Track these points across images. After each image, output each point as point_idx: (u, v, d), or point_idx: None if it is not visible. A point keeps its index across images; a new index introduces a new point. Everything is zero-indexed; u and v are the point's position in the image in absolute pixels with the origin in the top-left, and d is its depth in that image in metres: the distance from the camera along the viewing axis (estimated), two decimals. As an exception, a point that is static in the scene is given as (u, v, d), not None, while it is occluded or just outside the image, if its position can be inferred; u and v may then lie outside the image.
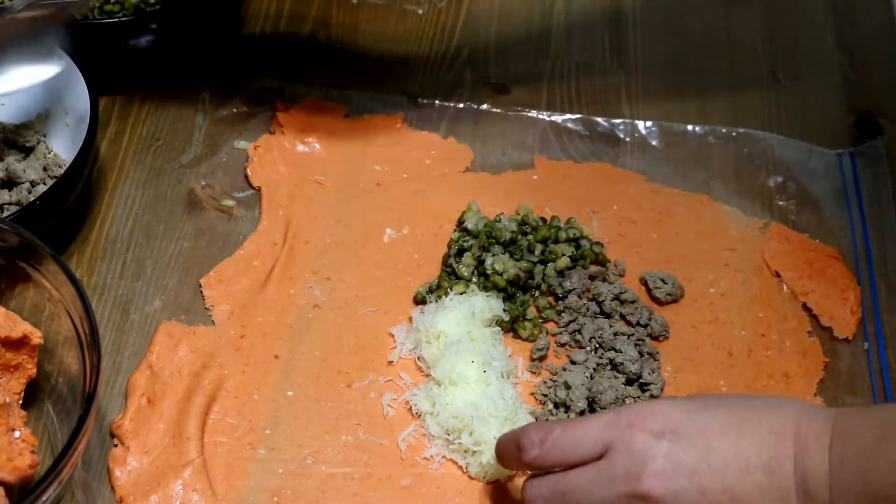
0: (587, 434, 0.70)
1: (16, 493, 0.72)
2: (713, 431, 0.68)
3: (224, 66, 1.05)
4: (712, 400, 0.71)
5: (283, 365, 0.85)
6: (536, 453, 0.71)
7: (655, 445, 0.68)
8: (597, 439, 0.69)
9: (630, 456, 0.68)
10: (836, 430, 0.66)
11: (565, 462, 0.70)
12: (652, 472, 0.67)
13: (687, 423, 0.68)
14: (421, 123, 1.02)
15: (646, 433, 0.68)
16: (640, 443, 0.68)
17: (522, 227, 0.92)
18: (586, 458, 0.70)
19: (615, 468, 0.68)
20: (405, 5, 1.12)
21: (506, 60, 1.08)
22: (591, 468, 0.69)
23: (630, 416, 0.69)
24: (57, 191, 0.85)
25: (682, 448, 0.68)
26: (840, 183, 0.99)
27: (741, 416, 0.69)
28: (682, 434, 0.68)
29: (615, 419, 0.70)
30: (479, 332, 0.84)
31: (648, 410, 0.70)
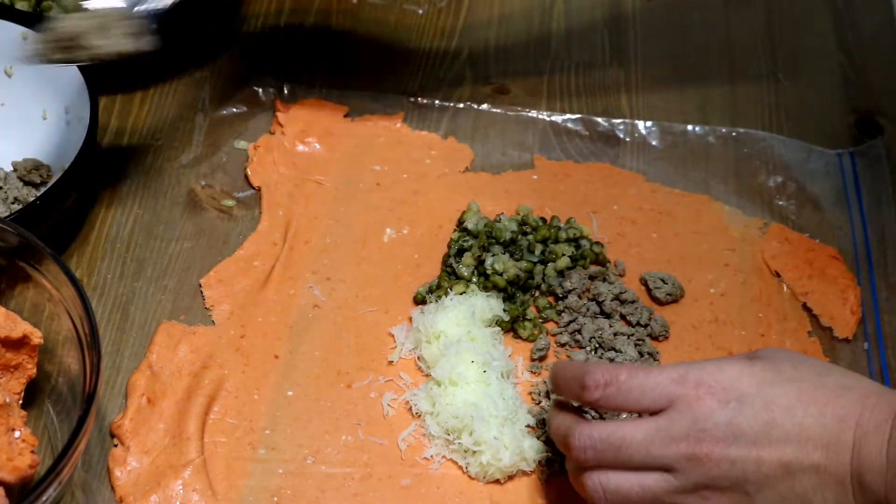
0: (653, 386, 0.69)
1: (16, 493, 0.72)
2: (779, 406, 0.68)
3: (224, 65, 1.05)
4: (785, 371, 0.70)
5: (283, 365, 0.85)
6: (599, 395, 0.70)
7: (719, 411, 0.68)
8: (662, 393, 0.69)
9: (692, 417, 0.68)
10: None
11: (625, 409, 0.70)
12: (712, 437, 0.67)
13: (754, 394, 0.68)
14: (421, 123, 1.02)
15: (711, 397, 0.68)
16: (704, 406, 0.68)
17: (522, 227, 0.92)
18: (647, 409, 0.69)
19: (675, 427, 0.68)
20: (405, 5, 1.12)
21: (506, 60, 1.08)
22: (650, 423, 0.69)
23: (698, 375, 0.69)
24: (57, 191, 0.85)
25: (745, 417, 0.67)
26: (840, 183, 0.99)
27: (809, 395, 0.68)
28: (747, 403, 0.68)
29: (683, 376, 0.69)
30: (479, 332, 0.84)
31: (718, 373, 0.69)
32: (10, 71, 0.95)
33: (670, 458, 0.68)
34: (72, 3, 1.00)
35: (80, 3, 0.96)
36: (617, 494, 0.70)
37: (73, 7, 0.99)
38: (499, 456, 0.78)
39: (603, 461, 0.70)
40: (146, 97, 1.02)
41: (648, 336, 0.88)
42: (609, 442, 0.70)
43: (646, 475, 0.69)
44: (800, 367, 0.70)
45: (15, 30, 0.93)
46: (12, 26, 0.93)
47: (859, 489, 0.66)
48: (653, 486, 0.69)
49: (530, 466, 0.79)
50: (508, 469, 0.79)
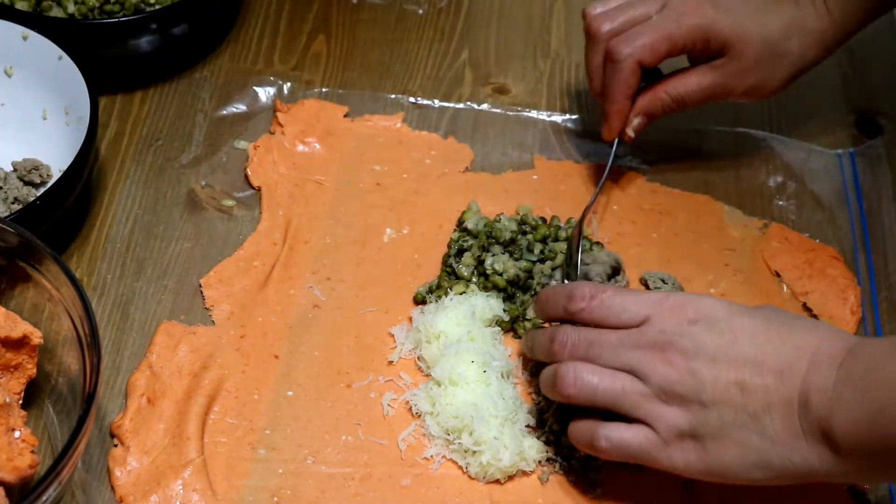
0: (632, 305, 0.76)
1: (16, 493, 0.72)
2: (743, 331, 0.73)
3: (224, 65, 1.05)
4: (758, 309, 0.75)
5: (283, 365, 0.85)
6: (583, 306, 0.77)
7: (687, 327, 0.73)
8: (639, 311, 0.75)
9: (661, 329, 0.74)
10: (851, 352, 0.69)
11: (606, 322, 0.76)
12: (676, 347, 0.73)
13: (723, 319, 0.73)
14: (421, 123, 1.02)
15: (682, 316, 0.74)
16: (674, 321, 0.74)
17: (522, 227, 0.92)
18: (625, 324, 0.75)
19: (644, 336, 0.74)
20: (405, 5, 1.12)
21: (506, 60, 1.08)
22: (623, 332, 0.75)
23: (675, 300, 0.75)
24: (57, 191, 0.85)
25: (709, 336, 0.73)
26: (840, 183, 0.99)
27: (774, 327, 0.73)
28: (713, 325, 0.73)
29: (661, 299, 0.75)
30: (479, 332, 0.84)
31: (694, 300, 0.75)
32: (10, 71, 0.95)
33: (635, 361, 0.74)
34: (72, 3, 1.00)
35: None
36: (586, 385, 0.74)
37: (73, 8, 1.00)
38: (499, 456, 0.78)
39: (576, 354, 0.76)
40: (146, 97, 1.02)
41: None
42: (584, 338, 0.76)
43: (614, 373, 0.74)
44: (777, 312, 0.75)
45: (15, 30, 0.93)
46: (12, 26, 0.93)
47: (804, 410, 0.69)
48: (619, 383, 0.74)
49: (530, 466, 0.80)
50: (508, 469, 0.79)
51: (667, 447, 0.73)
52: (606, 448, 0.75)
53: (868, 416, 0.66)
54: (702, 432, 0.72)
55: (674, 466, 0.74)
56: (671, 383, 0.72)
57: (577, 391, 0.75)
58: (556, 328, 0.78)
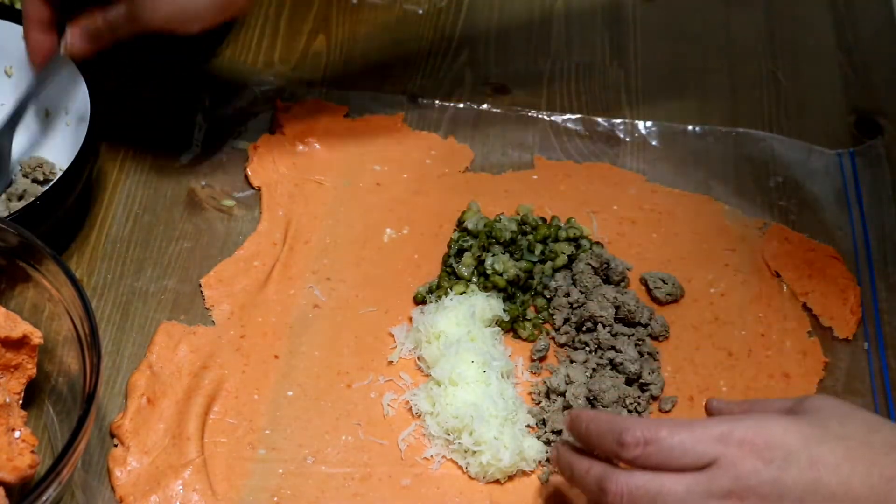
0: (695, 444, 0.66)
1: (16, 493, 0.72)
2: (826, 464, 0.65)
3: (224, 65, 1.05)
4: (831, 427, 0.67)
5: (283, 365, 0.85)
6: (638, 453, 0.67)
7: (764, 469, 0.65)
8: (704, 452, 0.66)
9: (735, 475, 0.65)
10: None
11: (666, 469, 0.67)
12: (757, 495, 0.65)
13: (800, 452, 0.66)
14: (421, 123, 1.02)
15: (756, 455, 0.65)
16: (748, 463, 0.65)
17: (522, 227, 0.92)
18: (689, 468, 0.66)
19: (716, 483, 0.65)
20: (405, 5, 1.12)
21: (506, 60, 1.08)
22: (692, 477, 0.66)
23: (743, 434, 0.66)
24: (57, 191, 0.85)
25: (790, 475, 0.65)
26: (840, 183, 0.99)
27: (856, 454, 0.66)
28: (792, 461, 0.65)
29: (727, 434, 0.66)
30: (479, 332, 0.84)
31: (764, 430, 0.66)
32: (10, 71, 0.95)
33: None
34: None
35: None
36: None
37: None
38: (499, 456, 0.78)
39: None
40: (146, 97, 1.01)
41: (648, 336, 0.87)
42: (646, 490, 0.66)
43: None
44: (846, 423, 0.68)
45: (15, 30, 0.93)
46: (12, 26, 0.93)
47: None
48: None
49: (530, 466, 0.80)
50: (508, 469, 0.79)
51: None
52: None
53: None
54: None
55: None
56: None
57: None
58: (607, 474, 0.68)
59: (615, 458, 0.69)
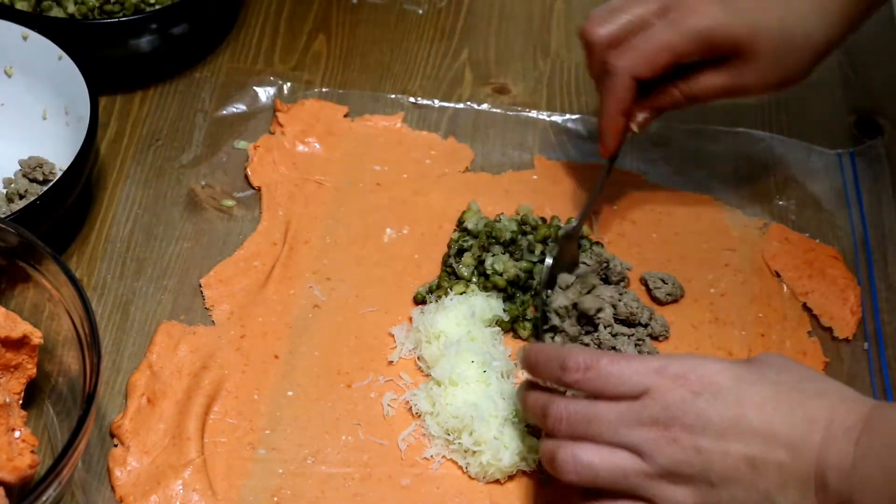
0: (632, 374, 0.70)
1: (16, 493, 0.72)
2: (751, 403, 0.68)
3: (224, 65, 1.05)
4: (766, 374, 0.70)
5: (283, 365, 0.85)
6: (578, 377, 0.71)
7: (691, 401, 0.68)
8: (640, 381, 0.70)
9: (664, 405, 0.69)
10: (868, 424, 0.66)
11: (603, 394, 0.71)
12: (681, 424, 0.68)
13: (729, 389, 0.69)
14: (421, 123, 1.02)
15: (686, 388, 0.69)
16: (677, 395, 0.69)
17: (522, 227, 0.92)
18: (624, 395, 0.70)
19: (646, 411, 0.69)
20: (405, 5, 1.12)
21: (506, 60, 1.08)
22: (624, 405, 0.70)
23: (678, 369, 0.70)
24: (57, 191, 0.85)
25: (715, 409, 0.68)
26: (840, 183, 0.99)
27: (783, 396, 0.68)
28: (720, 397, 0.68)
29: (664, 367, 0.70)
30: (479, 332, 0.84)
31: (698, 367, 0.70)
32: (10, 71, 0.95)
33: (637, 440, 0.69)
34: (72, 3, 1.00)
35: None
36: (586, 468, 0.70)
37: (74, 8, 1.00)
38: (499, 456, 0.78)
39: (575, 432, 0.71)
40: (146, 97, 1.02)
41: (648, 336, 0.87)
42: (582, 414, 0.71)
43: (615, 452, 0.70)
44: (783, 373, 0.70)
45: (15, 30, 0.93)
46: (12, 26, 0.93)
47: (822, 489, 0.66)
48: (621, 464, 0.69)
49: (530, 466, 0.80)
50: (508, 469, 0.79)
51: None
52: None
53: (892, 495, 0.63)
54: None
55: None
56: (677, 463, 0.68)
57: (578, 477, 0.70)
58: (550, 400, 0.73)
59: (559, 384, 0.73)
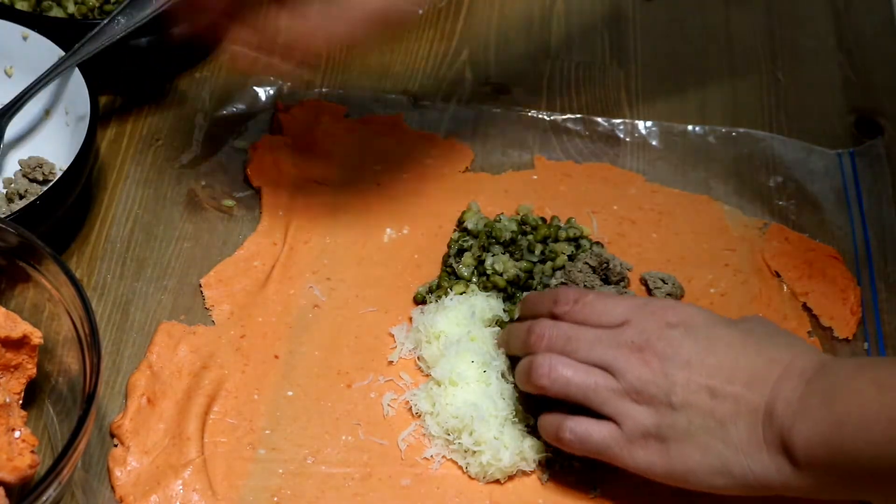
0: (615, 308, 0.77)
1: (16, 493, 0.72)
2: (721, 341, 0.74)
3: (224, 65, 1.05)
4: (741, 321, 0.77)
5: (283, 365, 0.85)
6: (567, 308, 0.78)
7: (666, 331, 0.74)
8: (621, 314, 0.76)
9: (640, 330, 0.75)
10: (822, 367, 0.71)
11: (587, 323, 0.77)
12: (652, 348, 0.74)
13: (701, 326, 0.75)
14: (421, 123, 1.02)
15: (662, 320, 0.75)
16: (653, 325, 0.75)
17: (522, 227, 0.92)
18: (606, 325, 0.76)
19: (623, 336, 0.75)
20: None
21: (506, 60, 1.08)
22: (603, 330, 0.76)
23: (657, 305, 0.77)
24: (57, 191, 0.85)
25: (686, 341, 0.74)
26: (840, 183, 0.99)
27: (752, 340, 0.74)
28: (691, 332, 0.74)
29: (643, 304, 0.77)
30: (479, 332, 0.84)
31: (676, 306, 0.77)
32: (10, 71, 0.95)
33: (611, 358, 0.74)
34: (72, 3, 1.00)
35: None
36: (560, 376, 0.75)
37: (73, 8, 1.00)
38: (499, 456, 0.78)
39: (553, 347, 0.77)
40: (146, 97, 1.02)
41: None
42: (563, 332, 0.77)
43: (589, 368, 0.75)
44: (758, 327, 0.76)
45: (15, 30, 0.93)
46: (12, 26, 0.93)
47: (768, 420, 0.70)
48: (592, 377, 0.75)
49: (530, 466, 0.80)
50: (508, 469, 0.79)
51: (631, 445, 0.74)
52: (570, 440, 0.75)
53: (827, 430, 0.67)
54: (667, 434, 0.73)
55: (636, 465, 0.74)
56: (644, 382, 0.73)
57: (551, 382, 0.76)
58: (535, 321, 0.79)
59: (550, 315, 0.79)
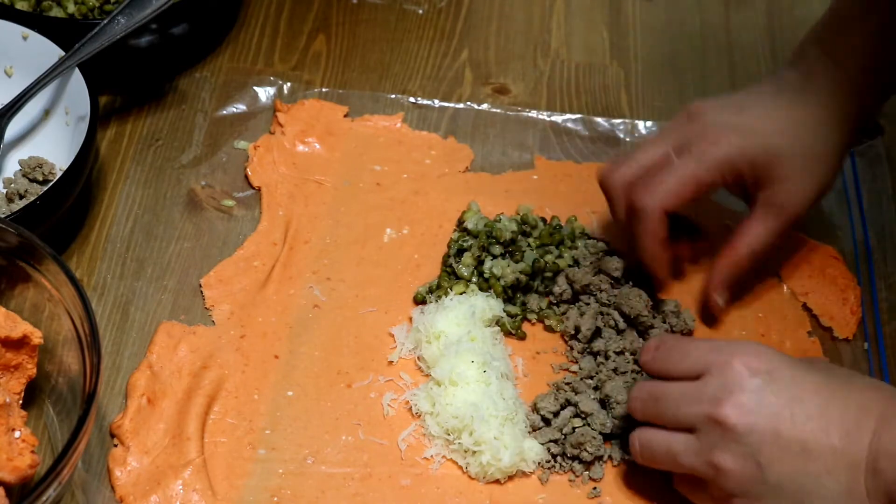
0: (692, 352, 0.75)
1: (16, 493, 0.72)
2: (806, 387, 0.71)
3: (224, 65, 1.05)
4: (816, 363, 0.76)
5: (283, 365, 0.85)
6: (650, 357, 0.77)
7: (748, 380, 0.71)
8: (699, 359, 0.74)
9: (722, 381, 0.72)
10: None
11: (669, 370, 0.76)
12: (735, 402, 0.71)
13: (784, 371, 0.72)
14: (421, 123, 1.02)
15: (743, 366, 0.72)
16: (734, 373, 0.72)
17: (522, 227, 0.92)
18: (686, 373, 0.75)
19: (705, 389, 0.73)
20: (405, 5, 1.12)
21: (506, 60, 1.08)
22: (687, 384, 0.74)
23: (734, 347, 0.74)
24: (57, 190, 0.85)
25: (771, 390, 0.71)
26: (840, 183, 0.99)
27: (837, 384, 0.72)
28: (776, 377, 0.71)
29: (721, 346, 0.74)
30: (479, 332, 0.84)
31: (753, 348, 0.74)
32: (10, 71, 0.95)
33: (694, 417, 0.72)
34: (72, 3, 1.00)
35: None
36: (647, 449, 0.75)
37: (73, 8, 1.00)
38: (499, 456, 0.78)
39: (646, 414, 0.76)
40: (146, 97, 1.02)
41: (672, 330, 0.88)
42: (653, 393, 0.76)
43: (674, 434, 0.74)
44: (830, 367, 0.76)
45: (15, 30, 0.93)
46: (12, 26, 0.93)
47: (872, 474, 0.68)
48: (675, 444, 0.73)
49: (530, 467, 0.80)
50: (508, 469, 0.79)
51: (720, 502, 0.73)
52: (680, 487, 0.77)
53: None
54: (756, 492, 0.71)
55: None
56: (728, 442, 0.71)
57: (643, 460, 0.77)
58: (635, 385, 0.78)
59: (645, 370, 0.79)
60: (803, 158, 0.83)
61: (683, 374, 0.75)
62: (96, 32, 0.91)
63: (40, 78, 0.91)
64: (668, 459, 0.75)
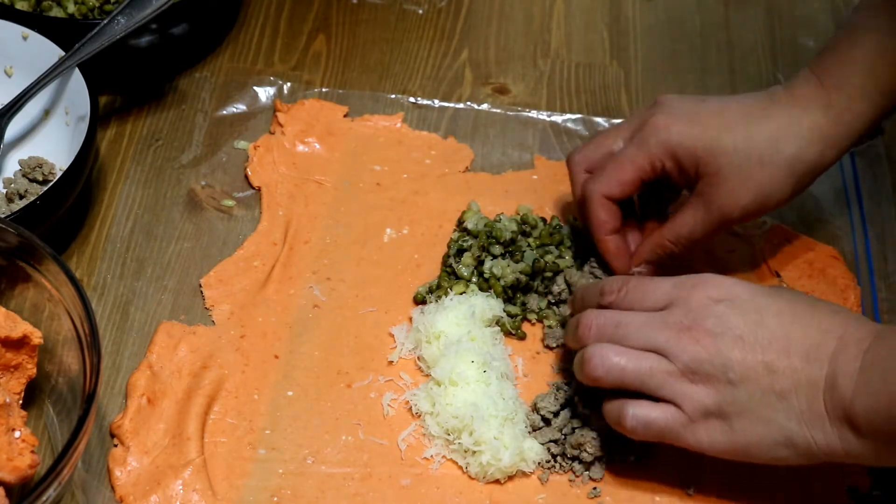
0: (656, 289, 0.77)
1: (16, 493, 0.72)
2: (768, 312, 0.73)
3: (224, 65, 1.05)
4: (779, 290, 0.76)
5: (283, 365, 0.85)
6: (614, 297, 0.78)
7: (712, 306, 0.74)
8: (663, 294, 0.76)
9: (686, 309, 0.74)
10: (877, 337, 0.71)
11: (633, 308, 0.77)
12: (702, 326, 0.73)
13: (746, 299, 0.74)
14: (421, 123, 1.02)
15: (706, 294, 0.74)
16: (698, 301, 0.74)
17: (522, 227, 0.92)
18: (651, 308, 0.76)
19: (671, 317, 0.75)
20: (405, 5, 1.12)
21: (506, 60, 1.08)
22: (650, 314, 0.76)
23: (696, 280, 0.76)
24: (57, 190, 0.85)
25: (735, 315, 0.73)
26: (840, 183, 0.99)
27: (799, 309, 0.74)
28: (738, 304, 0.74)
29: (683, 280, 0.76)
30: (479, 332, 0.84)
31: (714, 279, 0.76)
32: (10, 71, 0.95)
33: (662, 341, 0.74)
34: (72, 3, 1.00)
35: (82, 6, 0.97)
36: (615, 366, 0.75)
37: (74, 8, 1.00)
38: (499, 456, 0.78)
39: (603, 336, 0.76)
40: (146, 97, 1.02)
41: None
42: (612, 319, 0.77)
43: (642, 353, 0.75)
44: (794, 293, 0.77)
45: (15, 30, 0.93)
46: (12, 26, 0.93)
47: (830, 392, 0.71)
48: (645, 362, 0.74)
49: (530, 467, 0.80)
50: (508, 469, 0.79)
51: (693, 426, 0.74)
52: (633, 426, 0.75)
53: (889, 400, 0.68)
54: (728, 411, 0.73)
55: (699, 445, 0.74)
56: (699, 362, 0.73)
57: (605, 372, 0.75)
58: (583, 313, 0.78)
59: (600, 306, 0.79)
60: (747, 160, 0.81)
61: (647, 309, 0.76)
62: (96, 32, 0.91)
63: (40, 78, 0.91)
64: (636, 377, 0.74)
